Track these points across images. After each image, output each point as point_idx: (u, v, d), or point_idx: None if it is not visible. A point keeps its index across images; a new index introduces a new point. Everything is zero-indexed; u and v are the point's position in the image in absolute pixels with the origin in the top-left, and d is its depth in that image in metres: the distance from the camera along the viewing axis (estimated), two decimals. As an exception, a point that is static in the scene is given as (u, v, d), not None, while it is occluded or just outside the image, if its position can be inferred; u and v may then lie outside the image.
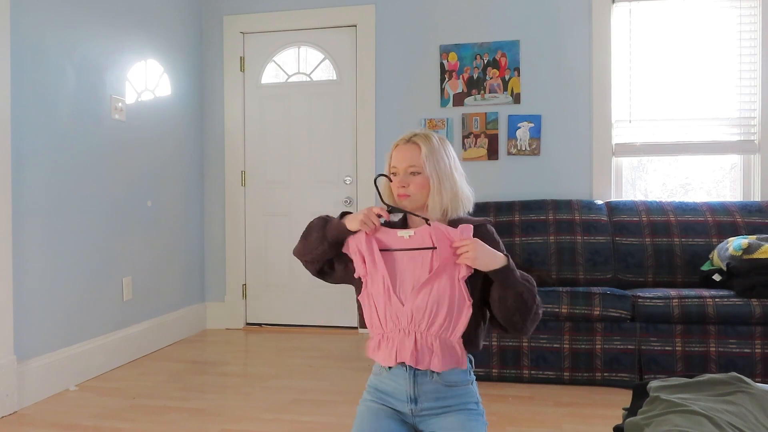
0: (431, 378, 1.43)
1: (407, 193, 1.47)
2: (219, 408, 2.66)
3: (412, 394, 1.44)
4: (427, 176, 1.46)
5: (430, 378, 1.43)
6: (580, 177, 3.82)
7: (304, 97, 4.25)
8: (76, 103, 3.04)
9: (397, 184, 1.48)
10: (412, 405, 1.44)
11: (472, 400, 1.47)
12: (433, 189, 1.46)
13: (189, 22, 4.16)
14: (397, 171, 1.49)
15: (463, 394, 1.45)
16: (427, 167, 1.46)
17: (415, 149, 1.48)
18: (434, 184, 1.46)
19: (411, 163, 1.47)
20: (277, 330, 4.22)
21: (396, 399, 1.46)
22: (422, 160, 1.46)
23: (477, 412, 1.46)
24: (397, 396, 1.46)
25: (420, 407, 1.44)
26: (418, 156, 1.47)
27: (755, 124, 3.68)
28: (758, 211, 3.37)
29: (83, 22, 3.10)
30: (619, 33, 3.81)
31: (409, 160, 1.47)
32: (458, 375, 1.45)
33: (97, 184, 3.19)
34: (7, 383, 2.58)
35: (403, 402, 1.45)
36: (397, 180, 1.49)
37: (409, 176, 1.47)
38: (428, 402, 1.44)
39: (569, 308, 2.89)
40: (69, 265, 2.99)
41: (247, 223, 4.33)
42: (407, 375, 1.43)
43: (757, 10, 3.66)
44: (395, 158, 1.50)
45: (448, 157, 1.50)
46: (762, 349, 2.77)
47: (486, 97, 3.91)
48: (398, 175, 1.49)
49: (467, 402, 1.46)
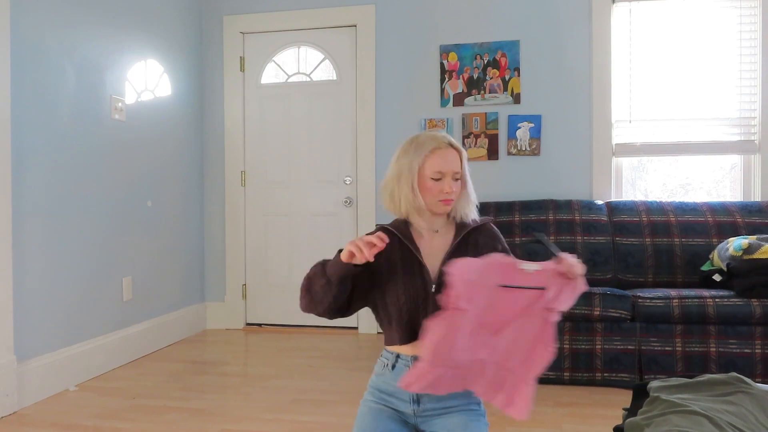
0: None
1: (453, 198, 1.46)
2: (219, 408, 2.66)
3: (414, 395, 1.43)
4: (463, 182, 1.49)
5: None
6: (580, 177, 3.82)
7: (304, 97, 4.25)
8: (76, 103, 3.04)
9: (446, 189, 1.44)
10: (414, 406, 1.44)
11: (474, 400, 1.47)
12: (466, 196, 1.50)
13: (189, 22, 4.16)
14: (443, 176, 1.44)
15: (465, 394, 1.45)
16: (465, 174, 1.49)
17: (458, 157, 1.47)
18: (468, 192, 1.51)
19: (457, 170, 1.46)
20: (277, 330, 4.22)
21: (398, 399, 1.46)
22: (463, 166, 1.48)
23: (479, 412, 1.47)
24: (399, 396, 1.45)
25: (422, 408, 1.44)
26: (461, 164, 1.48)
27: (755, 124, 3.68)
28: (758, 211, 3.37)
29: (83, 22, 3.09)
30: (619, 33, 3.81)
31: (455, 167, 1.45)
32: None
33: (97, 184, 3.19)
34: (7, 383, 2.58)
35: (406, 403, 1.45)
36: (445, 184, 1.44)
37: (454, 182, 1.46)
38: (431, 403, 1.44)
39: (569, 308, 2.88)
40: (69, 265, 2.99)
41: (247, 223, 4.33)
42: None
43: (757, 10, 3.66)
44: (440, 163, 1.44)
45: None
46: (762, 350, 2.77)
47: (486, 97, 3.91)
48: (443, 180, 1.44)
49: (469, 402, 1.46)
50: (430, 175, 1.44)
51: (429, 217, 1.50)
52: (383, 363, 1.50)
